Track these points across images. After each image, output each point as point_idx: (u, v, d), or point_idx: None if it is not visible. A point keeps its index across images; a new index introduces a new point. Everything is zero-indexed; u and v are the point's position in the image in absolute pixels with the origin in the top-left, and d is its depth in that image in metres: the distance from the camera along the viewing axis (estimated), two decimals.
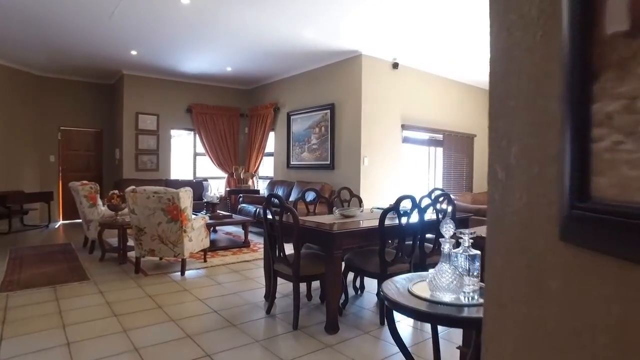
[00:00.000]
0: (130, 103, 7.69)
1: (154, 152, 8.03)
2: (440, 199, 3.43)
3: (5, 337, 2.65)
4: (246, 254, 5.33)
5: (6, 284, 3.78)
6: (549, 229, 0.68)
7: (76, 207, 5.51)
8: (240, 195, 7.57)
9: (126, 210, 4.48)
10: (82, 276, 4.09)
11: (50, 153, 7.89)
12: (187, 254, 4.32)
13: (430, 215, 3.45)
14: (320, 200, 4.26)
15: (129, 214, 4.31)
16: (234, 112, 8.89)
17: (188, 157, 8.77)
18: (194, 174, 8.75)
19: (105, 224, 4.84)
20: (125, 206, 4.54)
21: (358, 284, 3.77)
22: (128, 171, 7.71)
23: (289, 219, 3.00)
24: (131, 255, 4.64)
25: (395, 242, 3.38)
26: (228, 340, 2.69)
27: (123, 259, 4.77)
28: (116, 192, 4.95)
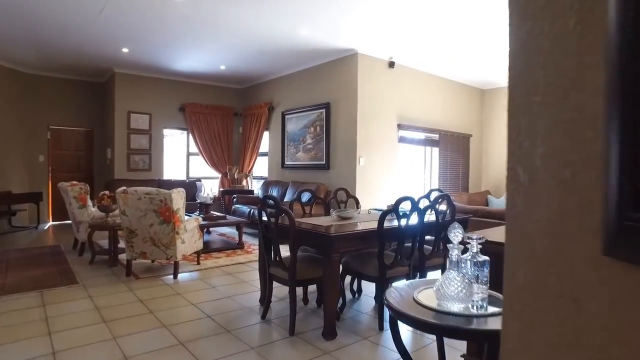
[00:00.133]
0: (122, 102, 7.55)
1: (146, 152, 7.89)
2: (439, 200, 3.35)
3: None
4: (240, 256, 5.23)
5: None
6: (587, 241, 0.60)
7: (66, 208, 5.37)
8: (234, 195, 7.47)
9: (117, 212, 4.37)
10: (71, 280, 3.97)
11: (40, 153, 7.73)
12: (180, 256, 4.21)
13: (428, 216, 3.37)
14: (317, 201, 4.18)
15: (120, 216, 4.19)
16: (227, 112, 8.77)
17: (181, 157, 8.64)
18: (187, 174, 8.63)
19: (95, 225, 4.72)
20: (116, 207, 4.43)
21: (355, 287, 3.69)
22: (120, 171, 7.57)
23: (284, 221, 2.91)
24: (122, 257, 4.52)
25: (394, 245, 3.30)
26: (222, 347, 2.60)
27: (114, 262, 4.65)
28: (107, 193, 4.83)
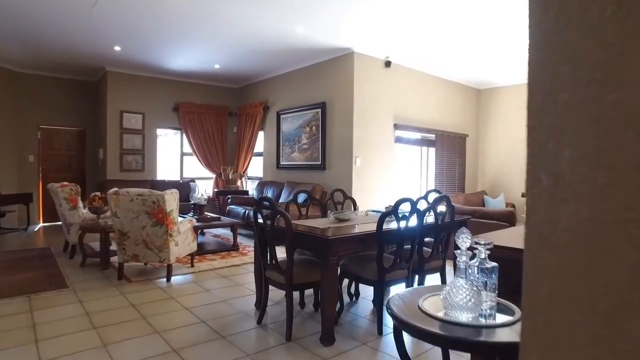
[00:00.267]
0: (114, 101, 7.42)
1: (140, 152, 7.77)
2: (439, 201, 3.29)
3: None
4: (235, 258, 5.14)
5: None
6: (629, 255, 0.53)
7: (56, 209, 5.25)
8: (229, 196, 7.38)
9: (109, 213, 4.26)
10: (60, 284, 3.86)
11: (30, 153, 7.57)
12: (173, 259, 4.12)
13: (427, 218, 3.31)
14: (313, 202, 4.11)
15: (112, 218, 4.09)
16: (222, 111, 8.67)
17: (175, 157, 8.52)
18: (181, 174, 8.51)
19: (86, 227, 4.61)
20: (108, 209, 4.32)
21: (353, 290, 3.62)
22: (112, 171, 7.44)
23: (280, 222, 2.83)
24: (114, 260, 4.41)
25: (391, 247, 3.24)
26: (217, 354, 2.52)
27: (105, 265, 4.55)
28: (98, 194, 4.72)
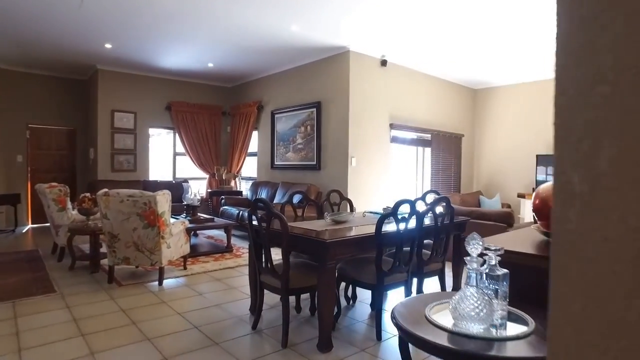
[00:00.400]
0: (106, 100, 7.27)
1: (131, 152, 7.62)
2: (438, 202, 3.22)
3: None
4: (229, 260, 5.04)
5: None
6: None
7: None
8: (222, 197, 7.26)
9: (99, 215, 4.13)
10: (48, 288, 3.73)
11: (18, 152, 7.39)
12: (165, 262, 4.01)
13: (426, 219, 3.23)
14: (309, 203, 4.02)
15: (101, 219, 3.97)
16: (215, 111, 8.55)
17: (167, 157, 8.38)
18: (174, 174, 8.38)
19: (75, 229, 4.47)
20: (98, 210, 4.19)
21: (350, 294, 3.54)
22: (103, 172, 7.29)
23: (274, 224, 2.74)
24: (104, 263, 4.29)
25: (389, 250, 3.16)
26: None
27: (95, 268, 4.42)
28: (87, 195, 4.58)
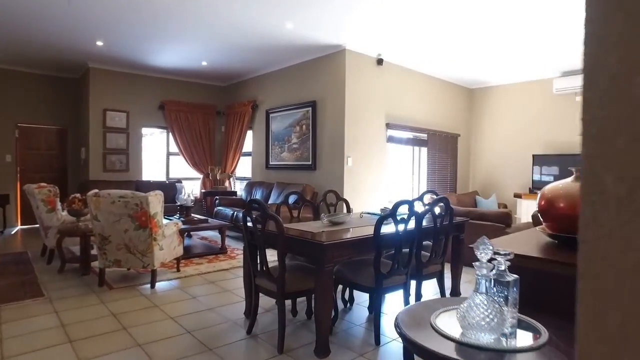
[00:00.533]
0: (97, 99, 7.14)
1: (124, 152, 7.50)
2: (437, 203, 3.16)
3: None
4: (223, 262, 4.95)
5: None
6: None
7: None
8: (217, 197, 7.16)
9: (89, 216, 4.03)
10: (36, 292, 3.62)
11: (7, 152, 7.24)
12: (158, 264, 3.91)
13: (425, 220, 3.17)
14: (305, 204, 3.94)
15: (92, 221, 3.87)
16: (209, 110, 8.44)
17: (161, 157, 8.26)
18: (167, 174, 8.26)
19: (65, 231, 4.36)
20: (88, 211, 4.09)
21: (347, 296, 3.47)
22: (95, 172, 7.16)
23: (270, 226, 2.66)
24: (95, 265, 4.19)
25: (387, 252, 3.10)
26: None
27: (85, 270, 4.31)
28: (77, 196, 4.47)
